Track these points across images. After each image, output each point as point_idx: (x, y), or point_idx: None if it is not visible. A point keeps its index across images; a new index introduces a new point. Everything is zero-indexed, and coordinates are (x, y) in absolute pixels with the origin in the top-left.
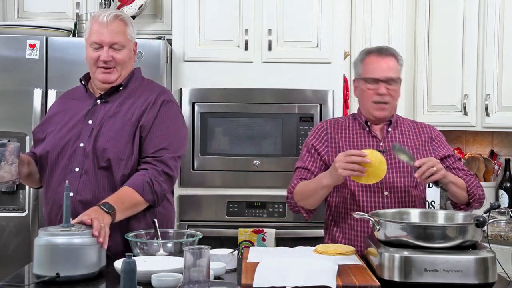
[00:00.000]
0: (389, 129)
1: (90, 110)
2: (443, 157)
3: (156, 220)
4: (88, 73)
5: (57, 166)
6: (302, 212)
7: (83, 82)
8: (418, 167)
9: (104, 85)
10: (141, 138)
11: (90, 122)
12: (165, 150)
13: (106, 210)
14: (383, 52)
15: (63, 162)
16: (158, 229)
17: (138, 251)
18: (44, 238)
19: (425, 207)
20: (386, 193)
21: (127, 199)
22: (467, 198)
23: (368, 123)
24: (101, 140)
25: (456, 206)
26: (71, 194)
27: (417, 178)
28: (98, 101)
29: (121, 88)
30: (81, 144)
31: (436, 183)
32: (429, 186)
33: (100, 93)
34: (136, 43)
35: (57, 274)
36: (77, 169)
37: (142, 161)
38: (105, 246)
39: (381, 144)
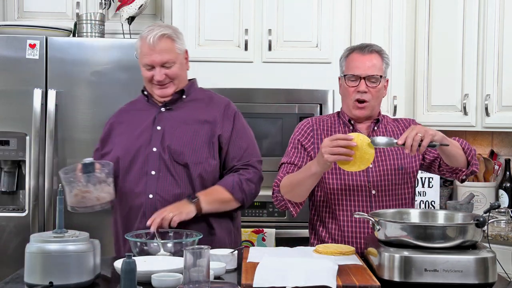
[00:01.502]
0: (375, 128)
1: (156, 117)
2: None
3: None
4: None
5: (131, 171)
6: (289, 206)
7: (145, 93)
8: (403, 144)
9: (163, 98)
10: (221, 148)
11: (158, 128)
12: (250, 155)
13: (189, 200)
14: (366, 49)
15: (136, 167)
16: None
17: (138, 250)
18: (36, 244)
19: (414, 207)
20: (374, 192)
21: (215, 193)
22: (465, 158)
23: (352, 122)
24: (176, 144)
25: (456, 173)
26: (150, 196)
27: (409, 153)
28: (163, 109)
29: (184, 96)
30: (154, 149)
31: (431, 145)
32: (429, 147)
33: (164, 101)
34: (186, 50)
35: (50, 283)
36: (153, 172)
37: (231, 170)
38: (152, 229)
39: None
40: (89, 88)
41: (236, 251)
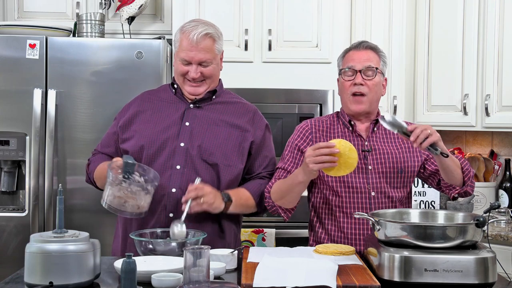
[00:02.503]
0: (374, 129)
1: (185, 113)
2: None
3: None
4: (173, 77)
5: (154, 162)
6: (280, 212)
7: (175, 86)
8: (410, 132)
9: (193, 96)
10: (249, 154)
11: (187, 124)
12: (273, 165)
13: (224, 199)
14: (361, 45)
15: (160, 159)
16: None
17: (142, 249)
18: (36, 244)
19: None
20: (373, 193)
21: (244, 198)
22: (462, 176)
23: (352, 122)
24: (208, 144)
25: (450, 189)
26: (173, 190)
27: (413, 143)
28: (191, 106)
29: (213, 96)
30: (182, 144)
31: (434, 148)
32: (428, 150)
33: (195, 98)
34: (223, 51)
35: (50, 283)
36: (178, 167)
37: (257, 176)
38: (184, 199)
39: (366, 143)
40: (89, 88)
41: (236, 251)
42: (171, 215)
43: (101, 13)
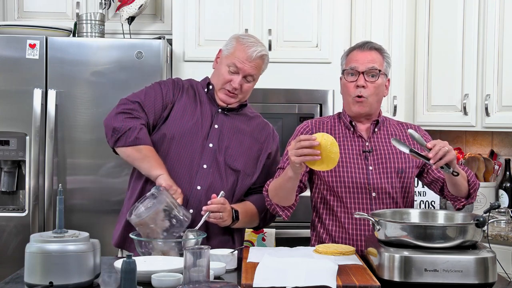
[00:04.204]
0: (375, 129)
1: (214, 116)
2: None
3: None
4: (207, 77)
5: (181, 156)
6: (278, 210)
7: (210, 86)
8: (430, 149)
9: (224, 104)
10: (263, 166)
11: (216, 126)
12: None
13: (233, 217)
14: (366, 45)
15: (189, 154)
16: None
17: (143, 250)
18: (36, 244)
19: None
20: (374, 194)
21: (249, 215)
22: (468, 189)
23: (353, 123)
24: (232, 151)
25: (456, 200)
26: (198, 187)
27: (431, 160)
28: (220, 110)
29: (240, 110)
30: (210, 145)
31: (448, 166)
32: (442, 169)
33: (226, 106)
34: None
35: (50, 283)
36: (205, 166)
37: (262, 187)
38: (205, 209)
39: (367, 144)
40: (89, 88)
41: (236, 251)
42: (191, 211)
43: (101, 13)
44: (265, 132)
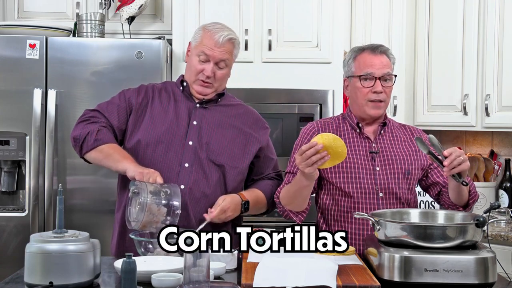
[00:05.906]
0: (382, 131)
1: (192, 112)
2: None
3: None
4: (182, 75)
5: (162, 158)
6: (291, 216)
7: (184, 84)
8: (446, 156)
9: (201, 96)
10: (256, 157)
11: (194, 123)
12: (277, 166)
13: (242, 210)
14: (377, 49)
15: (169, 156)
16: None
17: (143, 250)
18: (36, 244)
19: None
20: (381, 194)
21: (259, 203)
22: (468, 199)
23: (360, 125)
24: (215, 144)
25: (453, 208)
26: (182, 186)
27: (445, 167)
28: (198, 105)
29: (219, 99)
30: (190, 143)
31: (459, 176)
32: (452, 177)
33: (203, 99)
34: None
35: (50, 283)
36: (186, 165)
37: (266, 177)
38: (208, 219)
39: (374, 145)
40: (89, 88)
41: (236, 251)
42: (178, 211)
43: (101, 13)
44: (248, 121)
